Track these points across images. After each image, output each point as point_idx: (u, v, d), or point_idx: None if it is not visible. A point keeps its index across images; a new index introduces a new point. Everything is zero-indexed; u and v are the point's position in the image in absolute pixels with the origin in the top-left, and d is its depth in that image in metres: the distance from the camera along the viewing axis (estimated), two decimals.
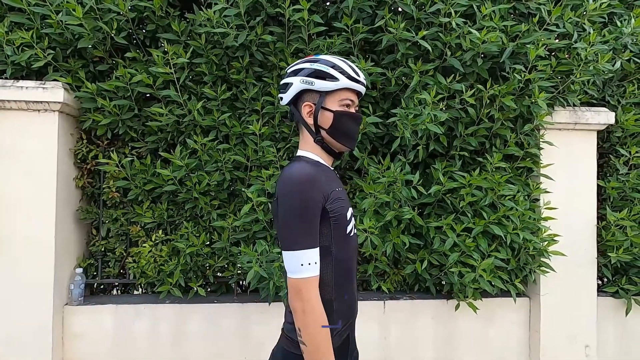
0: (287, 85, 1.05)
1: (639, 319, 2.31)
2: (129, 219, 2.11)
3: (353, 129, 1.05)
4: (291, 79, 1.03)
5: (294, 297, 0.91)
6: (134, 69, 1.96)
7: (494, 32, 1.84)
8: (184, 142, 2.05)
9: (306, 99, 1.03)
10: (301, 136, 1.06)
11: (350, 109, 1.04)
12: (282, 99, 1.07)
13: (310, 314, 0.89)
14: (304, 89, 1.02)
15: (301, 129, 1.05)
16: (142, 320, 2.03)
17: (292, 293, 0.92)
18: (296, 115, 1.05)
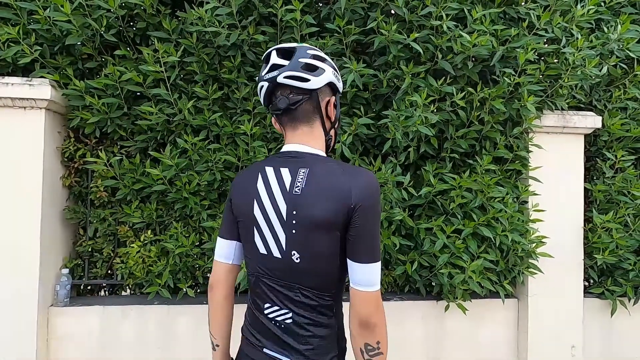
0: (319, 69, 0.91)
1: (623, 319, 2.35)
2: (117, 219, 2.08)
3: None
4: (323, 65, 0.92)
5: (376, 310, 0.86)
6: (124, 66, 1.93)
7: (484, 36, 1.86)
8: (174, 142, 2.03)
9: (328, 93, 0.95)
10: (310, 132, 0.93)
11: None
12: (310, 82, 0.89)
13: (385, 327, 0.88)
14: (332, 81, 0.93)
15: (313, 124, 0.93)
16: (129, 322, 2.00)
17: (373, 306, 0.86)
18: (313, 108, 0.92)
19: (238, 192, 0.97)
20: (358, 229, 0.85)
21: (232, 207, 0.98)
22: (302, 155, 0.92)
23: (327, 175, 0.88)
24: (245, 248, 0.98)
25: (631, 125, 2.32)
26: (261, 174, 0.94)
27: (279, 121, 0.97)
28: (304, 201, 0.86)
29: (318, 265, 0.88)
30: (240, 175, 1.00)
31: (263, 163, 0.97)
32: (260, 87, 0.95)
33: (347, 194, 0.85)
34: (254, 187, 0.94)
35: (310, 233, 0.86)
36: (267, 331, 0.93)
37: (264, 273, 0.93)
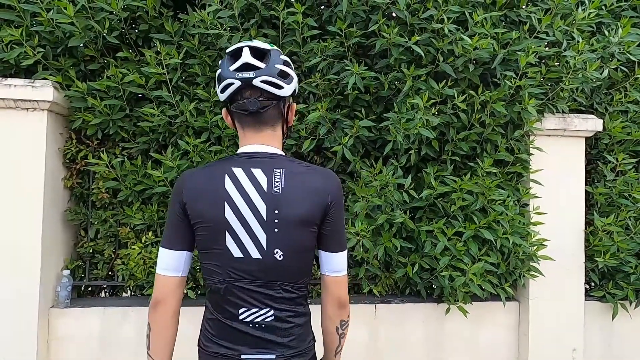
0: (290, 77, 0.93)
1: (624, 323, 2.34)
2: (118, 221, 2.09)
3: None
4: (292, 73, 0.94)
5: (346, 290, 0.99)
6: (126, 68, 1.94)
7: (485, 39, 1.87)
8: (176, 143, 2.03)
9: (290, 100, 0.99)
10: (273, 135, 0.96)
11: None
12: (284, 89, 0.92)
13: None
14: (296, 88, 0.97)
15: (276, 127, 0.96)
16: (130, 323, 2.00)
17: (345, 287, 0.99)
18: (278, 113, 0.95)
19: (196, 196, 0.91)
20: (333, 223, 0.95)
21: (189, 213, 0.91)
22: (271, 155, 0.94)
23: (302, 174, 0.93)
24: (210, 255, 0.92)
25: (632, 128, 2.32)
26: (228, 175, 0.91)
27: (238, 120, 0.95)
28: (285, 200, 0.90)
29: (300, 259, 0.94)
30: (193, 179, 0.93)
31: (225, 164, 0.93)
32: (228, 84, 0.90)
33: (324, 192, 0.93)
34: (222, 189, 0.90)
35: (293, 230, 0.91)
36: (243, 336, 0.92)
37: (238, 277, 0.91)
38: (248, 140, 0.95)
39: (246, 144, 0.96)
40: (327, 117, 1.99)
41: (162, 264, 0.94)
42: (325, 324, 1.02)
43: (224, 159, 0.96)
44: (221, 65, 0.92)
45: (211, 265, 0.93)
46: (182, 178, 0.95)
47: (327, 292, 0.99)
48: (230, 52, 0.92)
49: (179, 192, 0.93)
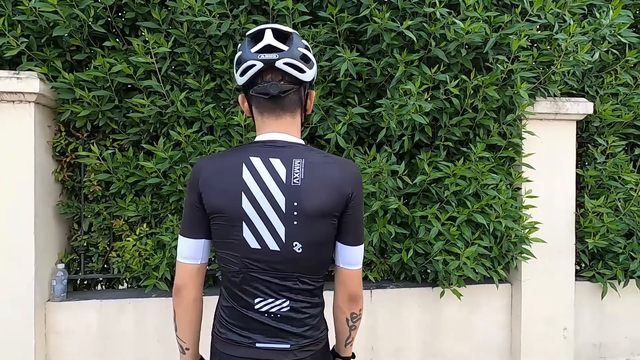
0: (311, 62, 0.91)
1: (613, 302, 2.41)
2: (111, 213, 2.07)
3: None
4: (312, 58, 0.92)
5: (360, 284, 0.99)
6: (114, 58, 1.90)
7: (477, 23, 1.86)
8: (167, 134, 2.01)
9: (309, 87, 0.96)
10: (292, 122, 0.94)
11: None
12: (306, 73, 0.89)
13: None
14: (315, 75, 0.94)
15: (295, 115, 0.94)
16: (127, 315, 2.01)
17: (359, 281, 0.99)
18: (298, 99, 0.93)
19: (212, 186, 0.89)
20: (352, 216, 0.93)
21: (204, 203, 0.90)
22: (289, 145, 0.91)
23: (322, 165, 0.90)
24: (226, 244, 0.91)
25: (622, 110, 2.34)
26: (246, 165, 0.89)
27: (257, 105, 0.93)
28: (304, 192, 0.87)
29: (319, 252, 0.93)
30: (208, 169, 0.91)
31: (242, 153, 0.91)
32: (249, 66, 0.87)
33: (344, 184, 0.90)
34: (239, 179, 0.88)
35: (313, 223, 0.89)
36: (259, 325, 0.92)
37: (254, 267, 0.90)
38: (267, 128, 0.93)
39: (265, 131, 0.93)
40: (319, 104, 1.98)
41: (181, 252, 0.95)
42: (336, 314, 1.02)
43: (242, 147, 0.93)
44: (241, 48, 0.90)
45: (227, 255, 0.92)
46: (197, 167, 0.93)
47: (340, 284, 0.98)
48: (251, 34, 0.89)
49: (195, 182, 0.91)
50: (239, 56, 0.90)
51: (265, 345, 0.92)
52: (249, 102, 0.95)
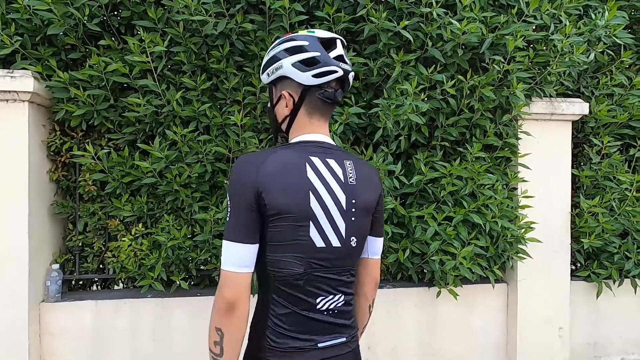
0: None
1: (608, 301, 2.42)
2: (107, 213, 2.06)
3: None
4: None
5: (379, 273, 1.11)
6: (109, 57, 1.89)
7: (474, 23, 1.86)
8: (163, 134, 2.00)
9: None
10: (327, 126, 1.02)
11: None
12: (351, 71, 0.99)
13: None
14: None
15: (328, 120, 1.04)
16: (123, 316, 2.00)
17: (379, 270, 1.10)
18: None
19: (276, 185, 0.86)
20: (381, 211, 1.05)
21: (266, 203, 0.85)
22: (334, 147, 0.99)
23: (364, 167, 1.01)
24: (290, 246, 0.88)
25: (617, 111, 2.36)
26: (309, 164, 0.90)
27: (313, 106, 0.96)
28: (359, 190, 0.96)
29: (363, 245, 1.02)
30: (267, 167, 0.87)
31: (301, 151, 0.92)
32: (331, 71, 0.92)
33: (378, 184, 1.03)
34: (305, 178, 0.88)
35: (363, 218, 0.98)
36: (320, 325, 0.92)
37: (318, 267, 0.90)
38: (312, 129, 0.97)
39: (309, 131, 0.97)
40: None
41: (235, 260, 0.84)
42: (360, 302, 1.09)
43: (294, 146, 0.94)
44: (314, 48, 0.93)
45: (289, 257, 0.88)
46: (250, 164, 0.88)
47: (367, 273, 1.08)
48: (323, 40, 0.95)
49: (251, 180, 0.86)
50: (316, 56, 0.92)
51: (326, 344, 0.92)
52: (301, 101, 0.96)
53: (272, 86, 1.01)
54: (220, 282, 0.86)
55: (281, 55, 0.95)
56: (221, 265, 0.86)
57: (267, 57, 0.99)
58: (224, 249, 0.86)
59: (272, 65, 0.97)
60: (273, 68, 0.96)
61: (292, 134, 0.99)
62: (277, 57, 0.96)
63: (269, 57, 0.98)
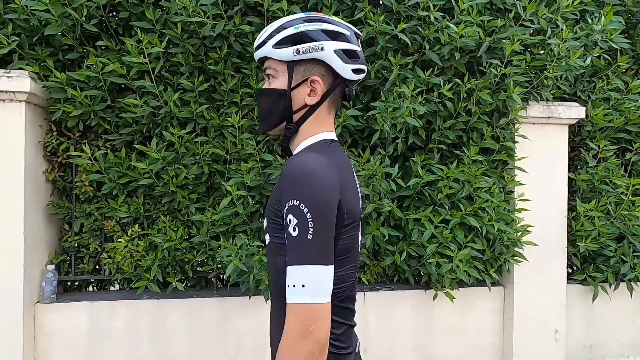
0: None
1: (604, 304, 2.43)
2: (103, 214, 2.05)
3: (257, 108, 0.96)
4: None
5: None
6: (106, 58, 1.88)
7: (471, 27, 1.87)
8: (160, 135, 2.00)
9: None
10: None
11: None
12: None
13: None
14: None
15: None
16: (119, 317, 1.99)
17: None
18: None
19: (348, 190, 0.79)
20: None
21: (345, 211, 0.76)
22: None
23: None
24: (351, 257, 0.82)
25: (614, 115, 2.37)
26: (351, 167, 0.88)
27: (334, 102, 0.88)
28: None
29: None
30: (336, 170, 0.78)
31: (340, 151, 0.87)
32: (362, 70, 0.87)
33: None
34: (354, 181, 0.86)
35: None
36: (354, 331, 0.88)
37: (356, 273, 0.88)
38: (328, 126, 0.88)
39: (327, 129, 0.87)
40: None
41: (327, 287, 0.71)
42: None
43: (330, 145, 0.85)
44: (354, 40, 0.86)
45: (351, 269, 0.82)
46: (329, 166, 0.76)
47: None
48: (357, 33, 0.88)
49: (334, 186, 0.74)
50: (357, 50, 0.85)
51: (357, 350, 0.89)
52: (328, 93, 0.86)
53: (293, 65, 0.83)
54: (310, 320, 0.68)
55: (320, 37, 0.82)
56: (306, 297, 0.69)
57: (290, 30, 0.82)
58: (313, 275, 0.69)
59: (307, 43, 0.81)
60: (308, 46, 0.81)
61: (309, 128, 0.85)
62: (313, 36, 0.82)
63: (298, 32, 0.82)
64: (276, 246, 0.79)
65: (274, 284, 0.82)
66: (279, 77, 0.85)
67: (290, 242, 0.71)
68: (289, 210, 0.71)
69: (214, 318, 2.04)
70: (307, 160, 0.74)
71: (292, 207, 0.71)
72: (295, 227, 0.70)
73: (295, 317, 0.69)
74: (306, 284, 0.69)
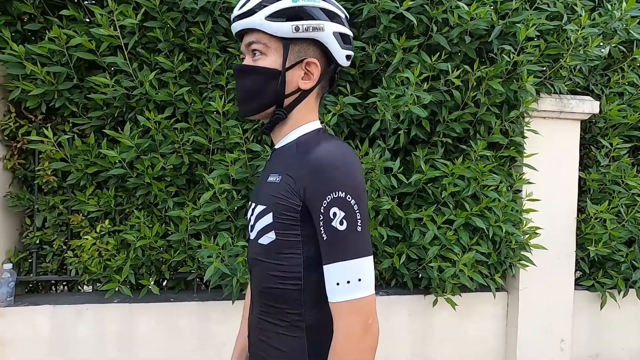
0: None
1: (612, 312, 2.29)
2: (69, 207, 1.83)
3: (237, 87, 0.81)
4: None
5: None
6: (73, 30, 1.66)
7: (483, 7, 1.69)
8: (135, 119, 1.78)
9: None
10: None
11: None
12: None
13: None
14: None
15: None
16: (85, 322, 1.78)
17: None
18: None
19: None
20: None
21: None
22: None
23: None
24: None
25: (627, 111, 2.22)
26: None
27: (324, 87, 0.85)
28: None
29: None
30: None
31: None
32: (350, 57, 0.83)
33: None
34: None
35: None
36: None
37: None
38: (317, 115, 0.84)
39: (316, 119, 0.83)
40: None
41: (373, 277, 0.71)
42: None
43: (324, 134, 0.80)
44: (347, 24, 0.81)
45: None
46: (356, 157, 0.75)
47: None
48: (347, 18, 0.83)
49: (364, 179, 0.75)
50: (350, 36, 0.81)
51: None
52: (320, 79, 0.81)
53: (289, 44, 0.76)
54: (368, 314, 0.68)
55: (320, 15, 0.75)
56: (364, 291, 0.68)
57: (286, 2, 0.74)
58: (367, 267, 0.69)
59: (306, 20, 0.74)
60: (309, 25, 0.74)
61: (299, 116, 0.80)
62: (312, 13, 0.75)
63: (297, 6, 0.74)
64: (284, 244, 0.73)
65: (270, 287, 0.76)
66: (269, 54, 0.76)
67: (335, 236, 0.68)
68: (332, 203, 0.68)
69: (193, 324, 1.85)
70: (343, 150, 0.72)
71: (336, 199, 0.68)
72: (343, 220, 0.68)
73: (355, 314, 0.68)
74: (362, 277, 0.68)
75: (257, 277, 0.79)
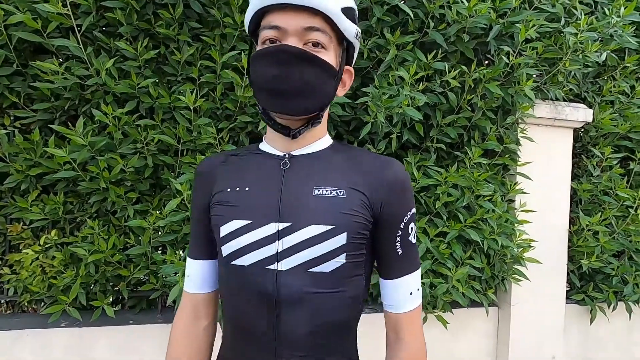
0: None
1: (602, 326, 2.23)
2: (7, 215, 1.56)
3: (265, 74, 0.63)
4: None
5: None
6: (12, 5, 1.40)
7: (484, 4, 1.56)
8: (90, 114, 1.54)
9: None
10: None
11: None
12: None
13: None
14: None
15: None
16: (23, 351, 1.51)
17: None
18: None
19: None
20: None
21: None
22: None
23: None
24: None
25: (618, 121, 2.17)
26: None
27: None
28: None
29: None
30: None
31: None
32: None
33: None
34: None
35: None
36: None
37: None
38: None
39: None
40: None
41: None
42: None
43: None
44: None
45: None
46: None
47: None
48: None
49: None
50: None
51: None
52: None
53: (347, 47, 0.72)
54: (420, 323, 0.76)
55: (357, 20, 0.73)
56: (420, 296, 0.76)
57: (353, 2, 0.69)
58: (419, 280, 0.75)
59: (357, 26, 0.71)
60: (358, 31, 0.71)
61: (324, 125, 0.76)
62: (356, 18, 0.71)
63: (355, 9, 0.70)
64: (353, 266, 0.69)
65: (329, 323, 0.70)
66: (329, 50, 0.67)
67: (410, 250, 0.73)
68: (411, 219, 0.73)
69: (157, 350, 1.61)
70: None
71: (413, 215, 0.73)
72: (415, 234, 0.74)
73: (419, 317, 0.76)
74: (420, 288, 0.75)
75: (304, 316, 0.66)
